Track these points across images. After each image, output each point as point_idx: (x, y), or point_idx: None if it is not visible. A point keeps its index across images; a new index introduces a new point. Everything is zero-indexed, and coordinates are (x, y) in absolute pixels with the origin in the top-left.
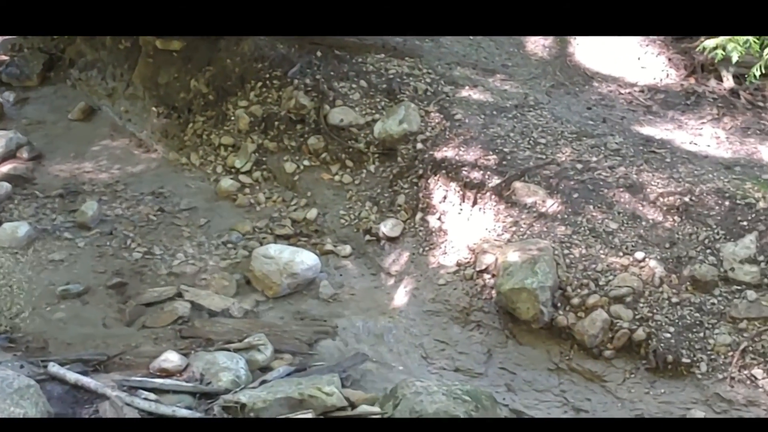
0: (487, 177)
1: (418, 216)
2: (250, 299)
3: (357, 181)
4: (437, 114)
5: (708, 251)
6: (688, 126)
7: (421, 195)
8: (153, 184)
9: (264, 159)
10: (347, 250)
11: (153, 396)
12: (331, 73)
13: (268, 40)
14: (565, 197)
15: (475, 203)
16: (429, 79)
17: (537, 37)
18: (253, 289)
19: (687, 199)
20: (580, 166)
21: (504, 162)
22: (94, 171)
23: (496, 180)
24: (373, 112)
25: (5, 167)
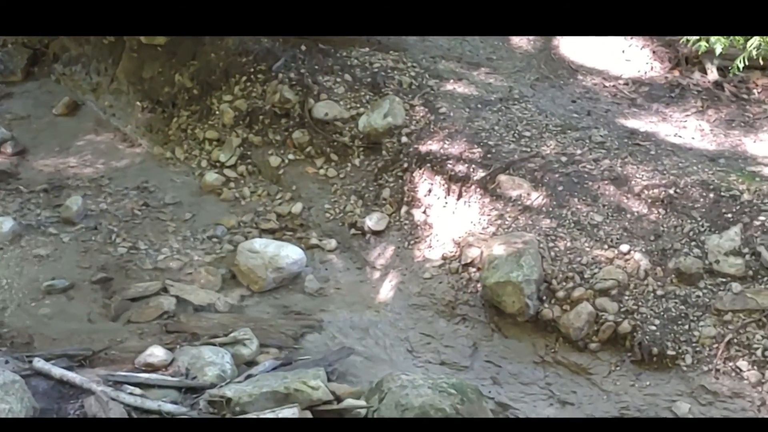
0: (472, 170)
1: (403, 209)
2: (235, 294)
3: (342, 175)
4: (422, 107)
5: (693, 243)
6: (672, 118)
7: (406, 188)
8: (138, 179)
9: (249, 153)
10: (332, 244)
11: (138, 391)
12: (316, 67)
13: None
14: (550, 190)
15: (460, 196)
16: (414, 73)
17: None
18: (239, 284)
19: (672, 191)
20: (564, 159)
21: (489, 155)
22: (79, 166)
23: (481, 173)
24: (358, 105)
25: None
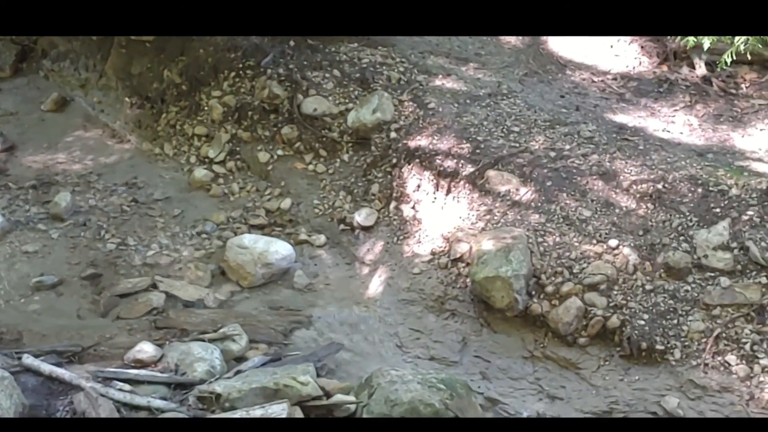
0: (460, 165)
1: (392, 205)
2: (224, 289)
3: (331, 171)
4: (411, 103)
5: (681, 238)
6: (660, 113)
7: (395, 184)
8: (126, 175)
9: (238, 149)
10: (322, 239)
11: (128, 387)
12: (305, 62)
13: None
14: (539, 185)
15: (449, 192)
16: (402, 68)
17: None
18: (228, 280)
19: (660, 186)
20: (553, 154)
21: (477, 150)
22: (68, 162)
23: (469, 168)
24: (347, 101)
25: None
